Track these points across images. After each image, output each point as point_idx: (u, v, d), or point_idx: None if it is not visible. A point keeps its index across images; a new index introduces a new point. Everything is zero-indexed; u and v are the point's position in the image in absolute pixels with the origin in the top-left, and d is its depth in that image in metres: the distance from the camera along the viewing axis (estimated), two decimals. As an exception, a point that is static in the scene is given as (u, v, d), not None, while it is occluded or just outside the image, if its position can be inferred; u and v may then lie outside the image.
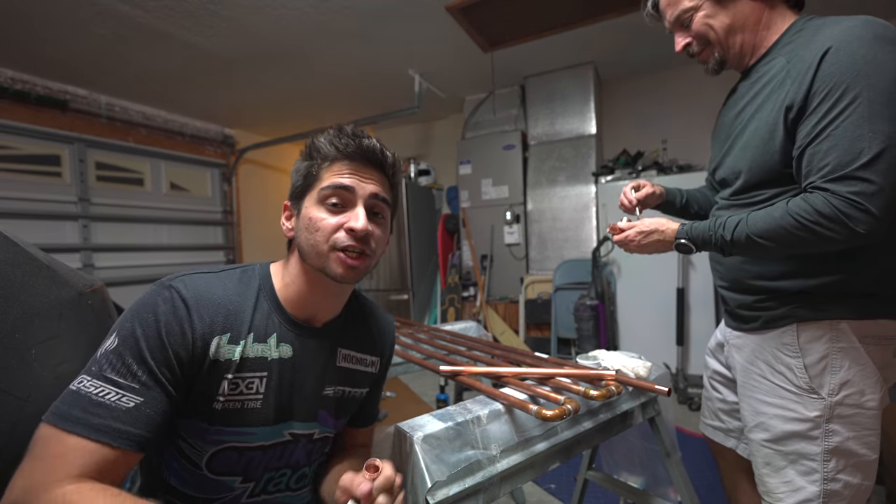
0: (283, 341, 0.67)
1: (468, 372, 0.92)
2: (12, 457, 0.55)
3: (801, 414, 0.85)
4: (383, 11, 2.59)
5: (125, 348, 0.56)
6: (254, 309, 0.66)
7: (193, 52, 2.96)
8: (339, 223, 0.64)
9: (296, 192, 0.68)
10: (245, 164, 4.87)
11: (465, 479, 0.68)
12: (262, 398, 0.65)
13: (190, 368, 0.59)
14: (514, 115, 3.91)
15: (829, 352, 0.82)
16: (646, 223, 0.97)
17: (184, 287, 0.61)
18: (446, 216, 4.33)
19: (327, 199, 0.64)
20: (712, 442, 1.13)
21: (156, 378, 0.56)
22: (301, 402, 0.69)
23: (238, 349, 0.63)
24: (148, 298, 0.60)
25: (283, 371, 0.67)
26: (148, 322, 0.58)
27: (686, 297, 2.92)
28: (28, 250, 0.79)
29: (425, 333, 1.44)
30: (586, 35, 3.02)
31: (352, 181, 0.65)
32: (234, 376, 0.62)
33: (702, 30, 0.90)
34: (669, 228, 0.94)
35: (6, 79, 3.12)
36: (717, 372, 1.09)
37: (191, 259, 4.36)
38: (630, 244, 1.00)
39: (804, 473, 0.85)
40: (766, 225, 0.79)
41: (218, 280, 0.65)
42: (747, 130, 0.88)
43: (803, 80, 0.76)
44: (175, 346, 0.58)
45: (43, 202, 3.35)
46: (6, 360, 0.63)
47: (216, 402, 0.62)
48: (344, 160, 0.65)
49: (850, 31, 0.73)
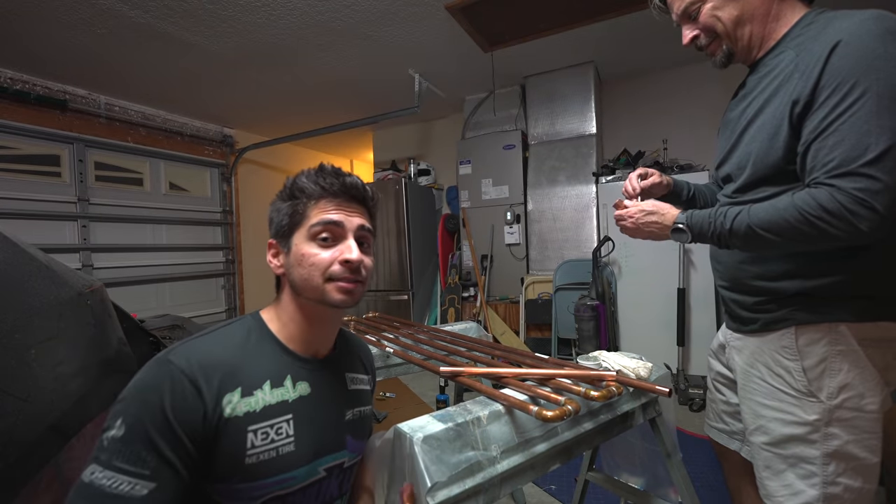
0: (298, 380, 0.69)
1: (468, 373, 0.92)
2: (13, 459, 0.54)
3: (799, 417, 0.84)
4: (383, 11, 2.59)
5: (132, 435, 0.56)
6: (262, 358, 0.67)
7: (193, 52, 2.95)
8: (332, 257, 0.67)
9: (282, 230, 0.70)
10: (244, 164, 4.87)
11: (466, 480, 0.68)
12: (293, 440, 0.66)
13: (205, 438, 0.59)
14: (514, 114, 3.91)
15: (828, 355, 0.82)
16: (648, 203, 0.96)
17: (181, 359, 0.61)
18: (446, 216, 4.33)
19: (318, 234, 0.68)
20: (717, 444, 1.13)
21: (166, 460, 0.56)
22: (329, 433, 0.71)
23: (255, 400, 0.63)
24: (148, 379, 0.60)
25: (306, 408, 0.68)
26: (152, 405, 0.57)
27: (687, 298, 2.92)
28: (28, 250, 0.79)
29: (425, 334, 1.44)
30: (586, 35, 3.02)
31: (340, 216, 0.69)
32: (259, 426, 0.63)
33: (710, 22, 0.88)
34: (670, 213, 0.93)
35: (6, 79, 3.12)
36: (720, 373, 1.09)
37: (190, 259, 4.36)
38: (628, 220, 0.98)
39: (803, 477, 0.85)
40: (768, 216, 0.77)
41: (213, 340, 0.66)
42: (753, 125, 0.86)
43: (811, 74, 0.74)
44: (183, 423, 0.58)
45: (42, 202, 3.35)
46: (6, 360, 0.63)
47: (248, 458, 0.61)
48: (329, 197, 0.69)
49: (861, 25, 0.72)
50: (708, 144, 3.37)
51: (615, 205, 1.03)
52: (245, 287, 4.86)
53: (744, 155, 0.88)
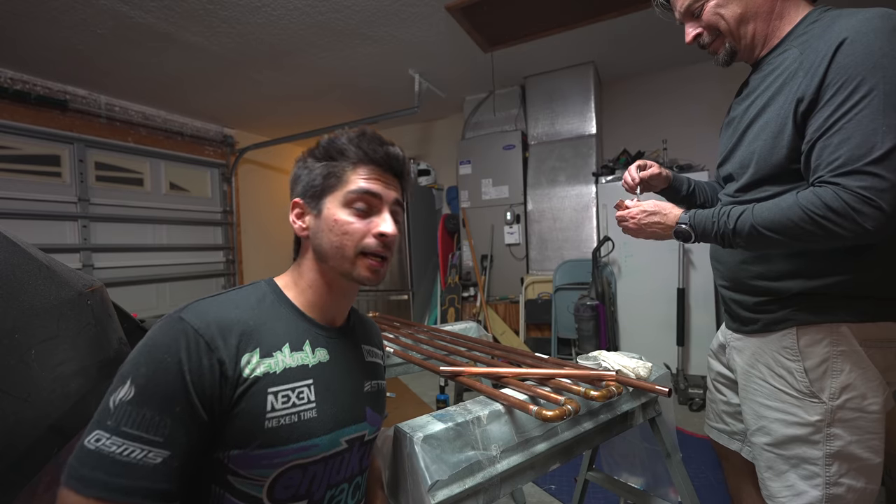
0: (317, 346, 0.66)
1: (468, 372, 0.92)
2: (12, 460, 0.54)
3: (801, 418, 0.84)
4: (383, 11, 2.59)
5: (144, 398, 0.52)
6: (277, 321, 0.64)
7: (193, 52, 2.96)
8: (367, 228, 0.64)
9: (313, 191, 0.66)
10: (245, 164, 4.87)
11: (466, 479, 0.68)
12: (315, 406, 0.63)
13: (222, 401, 0.56)
14: (514, 115, 3.91)
15: (830, 355, 0.81)
16: (650, 204, 0.95)
17: (195, 317, 0.57)
18: (446, 216, 4.33)
19: (354, 202, 0.64)
20: (717, 444, 1.12)
21: (181, 425, 0.53)
22: (349, 403, 0.68)
23: (274, 361, 0.60)
24: (160, 337, 0.56)
25: (326, 375, 0.66)
26: (165, 365, 0.53)
27: (686, 298, 2.92)
28: (28, 250, 0.79)
29: (425, 334, 1.44)
30: (586, 35, 3.02)
31: (379, 187, 0.65)
32: (280, 389, 0.60)
33: (713, 19, 0.87)
34: (672, 213, 0.92)
35: (6, 79, 3.12)
36: (720, 374, 1.09)
37: (190, 259, 4.36)
38: (630, 221, 0.97)
39: (806, 478, 0.84)
40: (772, 216, 0.76)
41: (228, 300, 0.63)
42: (756, 124, 0.86)
43: (816, 72, 0.74)
44: (200, 384, 0.54)
45: (43, 202, 3.35)
46: (6, 360, 0.63)
47: (267, 422, 0.58)
48: (370, 164, 0.66)
49: (867, 23, 0.71)
50: (708, 144, 3.37)
51: (617, 205, 1.03)
52: (245, 287, 4.86)
53: (746, 154, 0.88)
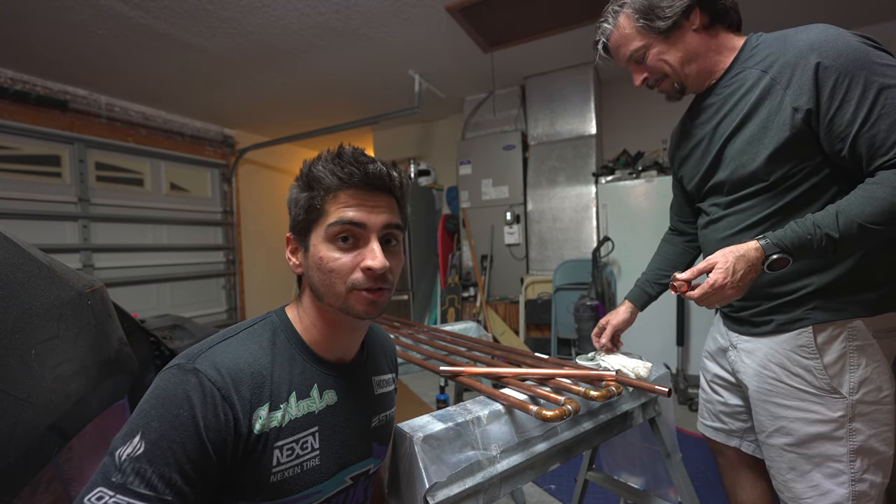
0: (325, 389, 0.64)
1: (468, 372, 0.92)
2: (12, 460, 0.54)
3: (824, 415, 0.84)
4: (383, 12, 2.59)
5: (155, 455, 0.49)
6: (288, 365, 0.62)
7: (193, 52, 2.96)
8: (354, 262, 0.59)
9: (298, 225, 0.62)
10: (245, 164, 4.87)
11: (466, 479, 0.68)
12: (319, 453, 0.62)
13: (234, 456, 0.54)
14: (514, 115, 3.91)
15: (846, 351, 0.83)
16: (720, 261, 0.79)
17: (209, 367, 0.55)
18: (446, 216, 4.33)
19: (336, 235, 0.59)
20: (712, 441, 1.13)
21: (191, 482, 0.50)
22: (355, 442, 0.67)
23: (281, 413, 0.58)
24: (173, 388, 0.52)
25: (333, 418, 0.64)
26: (181, 420, 0.50)
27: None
28: (28, 251, 0.79)
29: (425, 334, 1.44)
30: (586, 35, 3.02)
31: (361, 215, 0.59)
32: (285, 442, 0.58)
33: (657, 65, 0.94)
34: (748, 252, 0.79)
35: (6, 79, 3.12)
36: (719, 376, 1.08)
37: (190, 259, 4.37)
38: (728, 290, 0.79)
39: (831, 476, 0.84)
40: (874, 209, 0.75)
41: (240, 345, 0.60)
42: (739, 137, 0.90)
43: (803, 83, 0.79)
44: (215, 440, 0.52)
45: (43, 202, 3.35)
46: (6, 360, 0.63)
47: (273, 476, 0.57)
48: (349, 189, 0.60)
49: (825, 32, 0.79)
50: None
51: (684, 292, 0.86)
52: (245, 287, 4.86)
53: (749, 158, 0.88)
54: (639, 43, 0.93)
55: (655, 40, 0.92)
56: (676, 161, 1.11)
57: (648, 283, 1.18)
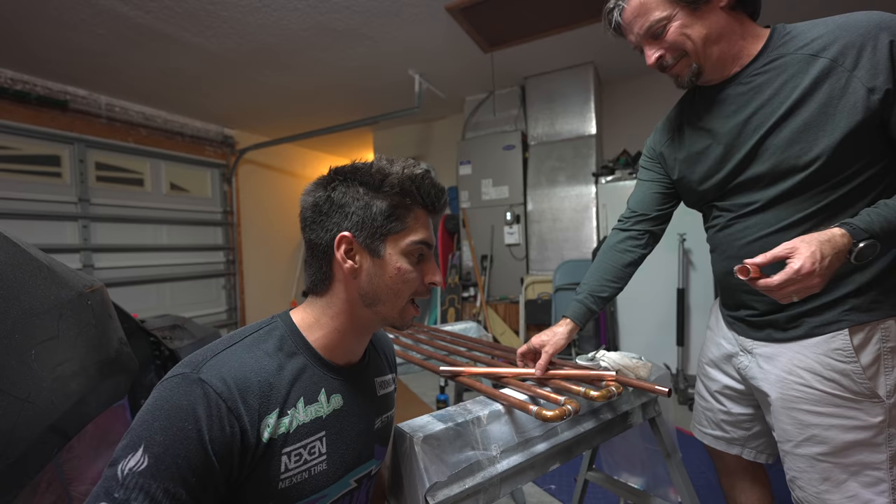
0: (332, 393, 0.65)
1: (468, 372, 0.92)
2: (12, 460, 0.54)
3: (863, 421, 0.80)
4: (383, 12, 2.59)
5: (159, 469, 0.48)
6: (296, 371, 0.62)
7: (193, 52, 2.96)
8: (421, 276, 0.65)
9: (375, 231, 0.61)
10: (245, 164, 4.87)
11: (466, 479, 0.68)
12: (326, 457, 0.62)
13: (241, 468, 0.54)
14: (514, 115, 3.91)
15: (881, 353, 0.80)
16: (801, 246, 0.70)
17: (215, 378, 0.53)
18: (446, 216, 4.33)
19: (415, 252, 0.64)
20: (711, 448, 1.11)
21: (196, 495, 0.50)
22: (360, 445, 0.68)
23: (289, 420, 0.59)
24: (178, 400, 0.51)
25: (339, 422, 0.65)
26: (185, 433, 0.49)
27: (686, 298, 2.92)
28: (28, 251, 0.79)
29: (425, 334, 1.44)
30: (586, 35, 3.02)
31: (430, 236, 0.66)
32: (293, 448, 0.58)
33: (679, 40, 0.83)
34: (834, 238, 0.70)
35: (6, 79, 3.12)
36: (727, 386, 1.03)
37: (190, 259, 4.37)
38: (815, 279, 0.69)
39: (870, 485, 0.80)
40: None
41: (247, 353, 0.59)
42: (789, 124, 0.81)
43: (876, 63, 0.74)
44: (221, 453, 0.51)
45: (43, 202, 3.35)
46: (6, 361, 0.63)
47: (281, 482, 0.57)
48: (427, 212, 0.65)
49: (883, 13, 0.75)
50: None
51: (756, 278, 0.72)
52: (245, 287, 4.86)
53: (793, 153, 0.81)
54: (661, 13, 0.82)
55: (681, 11, 0.82)
56: (673, 161, 1.00)
57: (592, 297, 1.03)
